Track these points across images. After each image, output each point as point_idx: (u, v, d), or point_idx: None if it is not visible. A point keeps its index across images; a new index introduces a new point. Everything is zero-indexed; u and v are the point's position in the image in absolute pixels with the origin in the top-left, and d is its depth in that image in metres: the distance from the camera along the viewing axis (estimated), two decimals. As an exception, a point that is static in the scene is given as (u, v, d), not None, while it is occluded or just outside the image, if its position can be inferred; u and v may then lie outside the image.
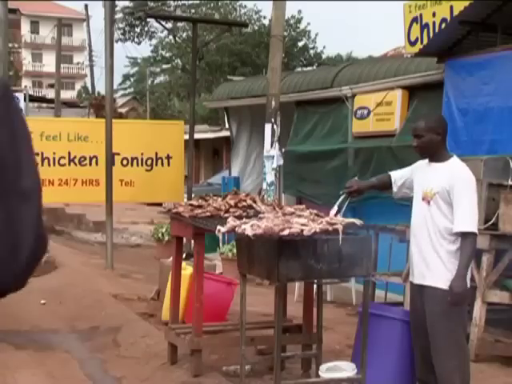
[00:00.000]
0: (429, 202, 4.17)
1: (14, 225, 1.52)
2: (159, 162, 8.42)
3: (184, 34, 34.58)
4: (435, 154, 4.25)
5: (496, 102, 7.17)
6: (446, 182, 4.11)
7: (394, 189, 4.52)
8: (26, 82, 53.34)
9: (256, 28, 33.92)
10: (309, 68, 27.26)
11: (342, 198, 4.51)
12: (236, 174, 13.59)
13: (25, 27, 60.47)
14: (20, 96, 25.01)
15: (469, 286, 4.14)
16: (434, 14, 9.06)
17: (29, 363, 5.66)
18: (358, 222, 4.25)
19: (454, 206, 4.07)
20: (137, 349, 5.96)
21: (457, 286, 4.00)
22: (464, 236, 4.05)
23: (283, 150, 10.28)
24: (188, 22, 22.84)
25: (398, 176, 4.53)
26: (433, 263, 4.13)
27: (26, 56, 58.62)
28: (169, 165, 8.33)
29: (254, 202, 5.24)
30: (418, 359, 4.38)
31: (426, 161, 4.38)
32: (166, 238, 11.36)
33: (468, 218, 4.06)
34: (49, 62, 50.04)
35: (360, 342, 4.40)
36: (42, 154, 7.98)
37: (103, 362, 5.65)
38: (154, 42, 37.89)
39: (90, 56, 39.13)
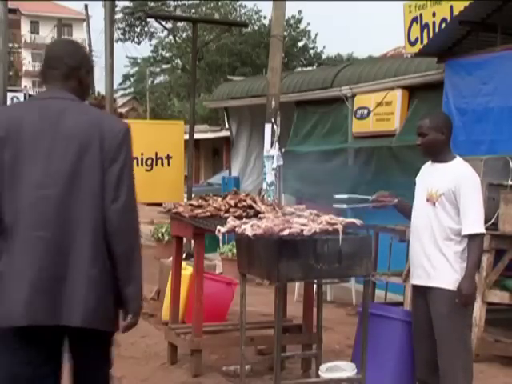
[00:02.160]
0: (434, 204, 4.14)
1: None
2: (159, 162, 8.39)
3: (184, 34, 34.58)
4: (438, 154, 4.21)
5: (495, 102, 7.16)
6: (451, 183, 4.08)
7: None
8: (26, 82, 53.28)
9: (256, 28, 33.89)
10: (309, 68, 27.24)
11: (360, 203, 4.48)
12: (236, 174, 13.59)
13: (25, 27, 60.46)
14: (20, 96, 25.02)
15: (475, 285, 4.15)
16: (434, 14, 9.06)
17: (29, 363, 5.65)
18: (358, 221, 4.25)
19: (460, 208, 4.05)
20: (137, 349, 5.96)
21: (466, 287, 4.00)
22: (472, 237, 4.04)
23: (283, 149, 10.28)
24: (188, 21, 22.84)
25: None
26: (439, 264, 4.11)
27: (26, 56, 58.58)
28: (169, 165, 8.30)
29: (254, 202, 5.24)
30: (418, 360, 4.36)
31: (429, 162, 4.36)
32: (166, 238, 11.35)
33: (476, 220, 4.05)
34: (49, 62, 50.02)
35: (360, 342, 4.40)
36: (42, 154, 7.96)
37: (103, 362, 5.64)
38: (154, 42, 37.92)
39: (90, 56, 39.12)
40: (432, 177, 4.23)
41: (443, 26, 8.54)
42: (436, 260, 4.13)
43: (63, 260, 2.64)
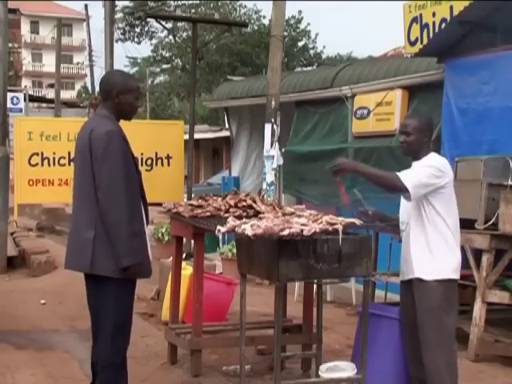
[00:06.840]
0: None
1: None
2: (159, 162, 8.38)
3: (184, 34, 34.55)
4: (418, 154, 4.33)
5: (496, 102, 7.15)
6: None
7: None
8: (26, 82, 53.34)
9: (256, 28, 33.89)
10: (309, 68, 27.23)
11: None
12: (236, 174, 13.58)
13: (25, 27, 60.46)
14: (20, 96, 25.02)
15: (456, 277, 4.21)
16: (433, 14, 9.05)
17: (29, 363, 5.66)
18: (357, 221, 4.25)
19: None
20: (137, 349, 5.95)
21: (343, 161, 4.23)
22: (400, 185, 4.09)
23: (283, 149, 10.27)
24: (188, 22, 22.82)
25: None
26: (417, 255, 4.22)
27: (26, 56, 58.56)
28: (169, 165, 8.29)
29: (254, 202, 5.24)
30: (409, 357, 4.42)
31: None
32: (166, 237, 11.34)
33: (411, 178, 4.08)
34: (49, 62, 50.01)
35: (360, 342, 4.40)
36: (42, 153, 7.92)
37: (103, 362, 5.64)
38: (154, 41, 37.90)
39: (90, 56, 39.07)
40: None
41: (443, 26, 8.53)
42: (415, 252, 4.23)
43: (75, 226, 3.91)
